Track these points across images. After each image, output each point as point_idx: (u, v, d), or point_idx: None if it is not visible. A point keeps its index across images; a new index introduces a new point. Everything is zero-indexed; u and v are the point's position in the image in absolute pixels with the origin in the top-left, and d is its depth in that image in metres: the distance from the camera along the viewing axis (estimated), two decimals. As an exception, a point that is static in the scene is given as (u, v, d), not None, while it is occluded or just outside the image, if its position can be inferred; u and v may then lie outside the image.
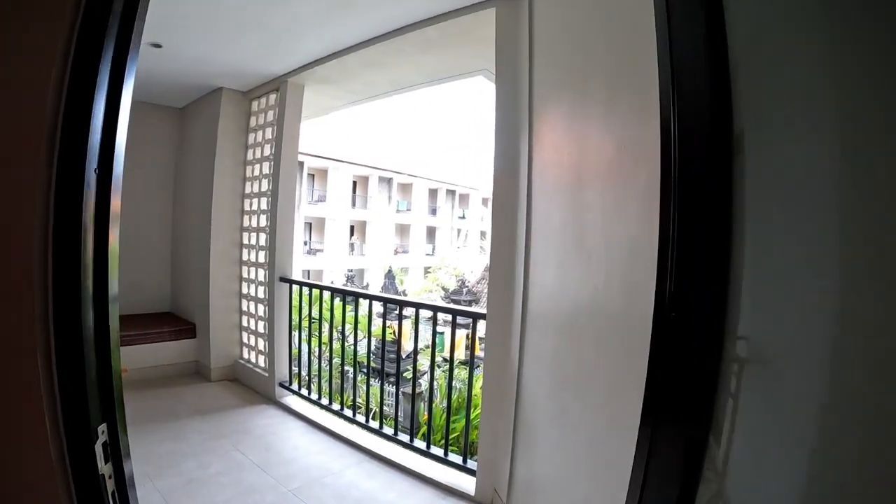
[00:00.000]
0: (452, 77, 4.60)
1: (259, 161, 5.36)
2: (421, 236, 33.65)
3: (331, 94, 5.21)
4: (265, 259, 5.18)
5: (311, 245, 27.70)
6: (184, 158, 6.32)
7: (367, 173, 30.14)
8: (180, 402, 4.98)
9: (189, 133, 6.25)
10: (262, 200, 5.27)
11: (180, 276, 6.32)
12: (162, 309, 6.46)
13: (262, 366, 5.32)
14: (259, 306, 5.34)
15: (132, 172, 5.86)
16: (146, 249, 6.34)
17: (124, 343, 5.41)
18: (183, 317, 6.12)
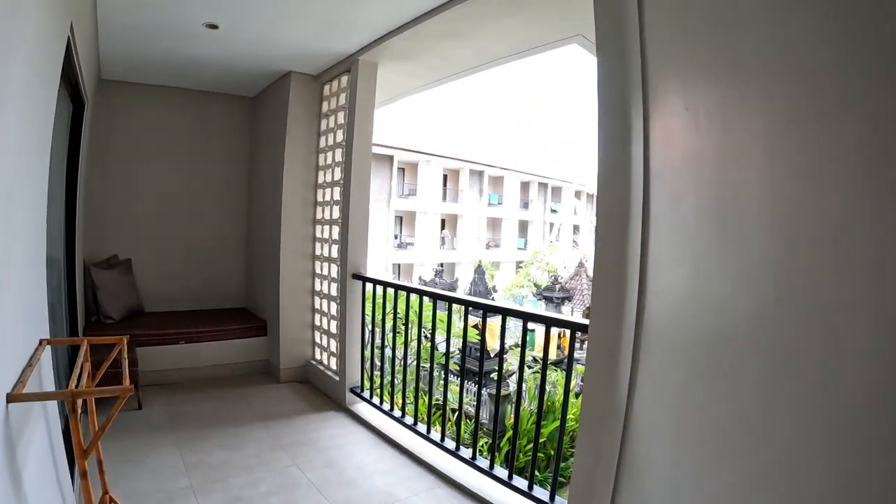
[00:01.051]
0: (543, 46, 3.95)
1: (331, 148, 4.90)
2: (512, 230, 32.83)
3: (408, 73, 4.66)
4: (338, 254, 4.75)
5: (401, 239, 27.52)
6: (257, 149, 5.97)
7: (458, 166, 29.59)
8: (246, 404, 4.61)
9: (261, 122, 5.89)
10: (336, 191, 4.80)
11: (254, 271, 5.98)
12: (237, 304, 6.16)
13: (333, 368, 4.86)
14: (331, 304, 4.88)
15: (209, 166, 5.60)
16: (223, 243, 6.08)
17: (195, 339, 5.13)
18: (256, 313, 5.78)
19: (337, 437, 4.00)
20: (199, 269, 5.97)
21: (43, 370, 2.28)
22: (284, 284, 5.12)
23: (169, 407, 4.50)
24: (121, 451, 3.69)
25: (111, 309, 5.07)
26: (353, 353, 4.54)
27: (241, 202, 6.16)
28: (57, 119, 3.69)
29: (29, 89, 2.05)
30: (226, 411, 4.45)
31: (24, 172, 2.05)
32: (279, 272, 5.10)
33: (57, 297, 4.03)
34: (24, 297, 2.01)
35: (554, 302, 17.05)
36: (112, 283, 5.16)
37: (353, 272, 4.49)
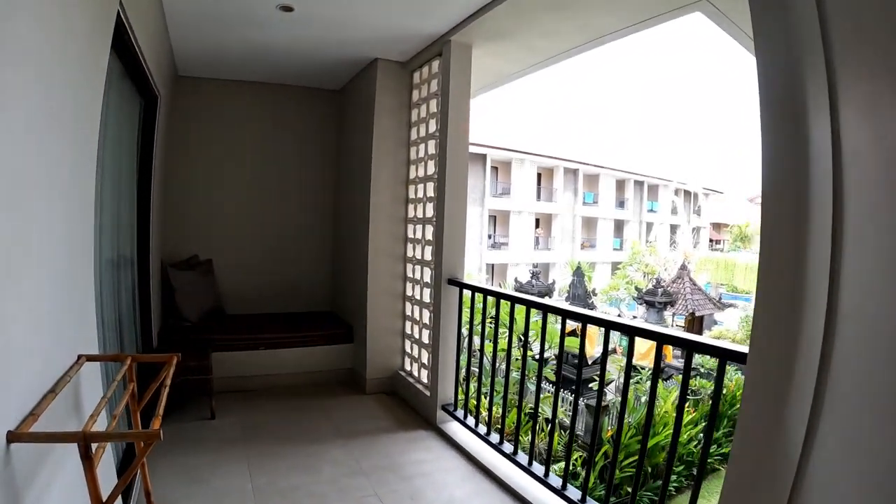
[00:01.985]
0: (661, 16, 3.36)
1: (423, 140, 4.46)
2: (608, 230, 31.51)
3: (505, 55, 4.15)
4: (432, 256, 4.31)
5: (495, 239, 26.99)
6: (344, 144, 5.63)
7: (552, 165, 28.63)
8: (326, 418, 4.25)
9: (348, 116, 5.55)
10: (429, 186, 4.37)
11: (341, 273, 5.64)
12: (322, 308, 5.84)
13: (423, 382, 4.42)
14: (424, 312, 4.44)
15: (294, 163, 5.26)
16: (308, 243, 5.80)
17: (275, 345, 4.84)
18: (342, 318, 5.43)
19: (425, 463, 3.55)
20: (283, 271, 5.72)
21: (82, 390, 2.04)
22: (373, 288, 4.74)
23: (243, 418, 4.22)
24: (187, 468, 3.42)
25: (188, 311, 4.86)
26: (446, 367, 4.08)
27: (328, 200, 5.86)
28: (121, 113, 3.45)
29: (55, 78, 1.78)
30: (304, 425, 4.11)
31: (54, 173, 1.81)
32: (367, 274, 4.71)
33: (127, 300, 3.81)
34: (51, 309, 1.78)
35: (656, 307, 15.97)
36: (190, 284, 4.96)
37: (449, 277, 4.01)
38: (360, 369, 4.91)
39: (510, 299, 3.56)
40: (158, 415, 1.69)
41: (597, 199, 30.78)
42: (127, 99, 3.68)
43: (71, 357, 1.94)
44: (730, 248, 33.33)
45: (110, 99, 3.20)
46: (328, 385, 4.98)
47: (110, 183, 3.37)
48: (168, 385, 2.02)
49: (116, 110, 3.40)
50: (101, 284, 3.13)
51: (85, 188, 2.29)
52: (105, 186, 3.21)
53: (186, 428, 4.03)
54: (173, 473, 3.39)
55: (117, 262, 3.59)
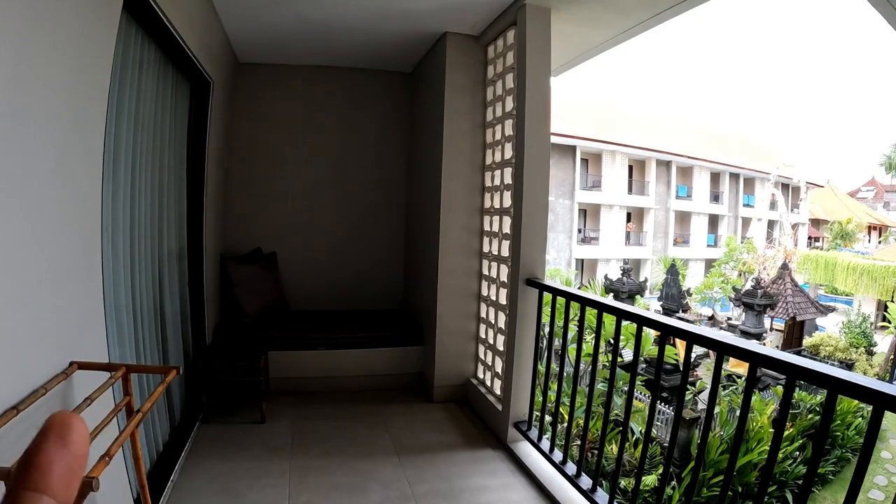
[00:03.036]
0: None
1: (500, 121, 3.91)
2: (702, 226, 29.47)
3: (589, 20, 3.55)
4: (509, 252, 3.76)
5: (585, 233, 25.84)
6: (416, 129, 5.14)
7: (644, 157, 27.00)
8: (384, 429, 3.80)
9: (419, 99, 5.06)
10: (507, 173, 3.81)
11: (411, 269, 5.18)
12: (393, 305, 5.40)
13: (496, 394, 3.88)
14: (499, 314, 3.89)
15: (361, 151, 4.55)
16: (377, 236, 5.37)
17: (337, 345, 4.43)
18: (412, 318, 4.95)
19: (488, 491, 3.03)
20: (350, 265, 5.31)
21: (72, 400, 1.80)
22: (444, 286, 4.23)
23: (295, 423, 3.84)
24: (224, 475, 3.11)
25: (248, 306, 4.51)
26: (521, 379, 3.51)
27: (399, 190, 5.40)
28: (163, 100, 3.24)
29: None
30: (359, 436, 3.69)
31: (40, 165, 1.65)
32: (438, 271, 4.21)
33: (176, 295, 3.63)
34: (40, 312, 1.66)
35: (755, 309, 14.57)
36: (251, 278, 4.63)
37: (528, 276, 3.44)
38: (429, 374, 4.42)
39: (596, 306, 2.91)
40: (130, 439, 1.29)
41: (690, 193, 28.83)
42: (171, 85, 3.39)
43: (61, 363, 1.76)
44: (829, 245, 30.44)
45: (145, 84, 2.91)
46: (393, 391, 4.51)
47: (150, 174, 3.10)
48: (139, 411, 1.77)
49: (155, 96, 3.12)
50: (137, 280, 2.90)
51: (88, 181, 2.05)
52: (143, 178, 2.96)
53: (233, 430, 3.70)
54: (208, 480, 3.06)
55: (161, 255, 3.30)
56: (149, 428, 3.04)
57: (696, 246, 28.91)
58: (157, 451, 3.17)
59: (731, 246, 25.59)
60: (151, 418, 3.12)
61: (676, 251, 27.12)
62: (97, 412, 1.82)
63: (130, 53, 2.67)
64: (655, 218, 27.62)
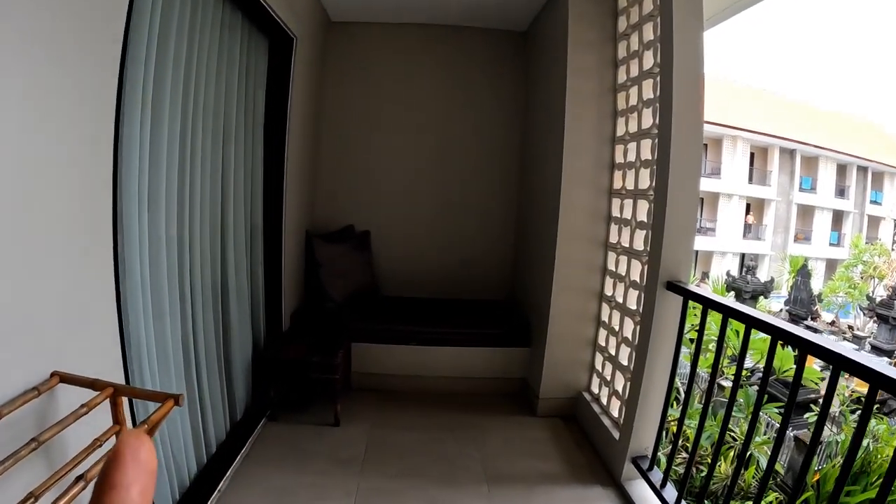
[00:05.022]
0: None
1: (636, 82, 3.02)
2: (825, 221, 26.22)
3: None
4: (644, 246, 2.93)
5: (700, 223, 23.57)
6: (532, 95, 4.30)
7: (767, 143, 24.36)
8: (476, 446, 3.10)
9: (535, 60, 4.22)
10: (644, 146, 2.95)
11: (523, 257, 4.37)
12: (499, 297, 4.60)
13: (613, 416, 3.06)
14: (626, 321, 3.05)
15: (467, 120, 4.28)
16: (485, 217, 4.60)
17: (433, 340, 3.75)
18: (521, 314, 4.15)
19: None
20: (452, 248, 4.59)
21: (48, 418, 1.43)
22: (560, 279, 3.40)
23: (372, 430, 3.21)
24: (280, 491, 2.60)
25: (334, 289, 3.90)
26: (648, 406, 2.66)
27: (512, 165, 4.58)
28: (228, 55, 2.78)
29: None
30: (444, 453, 3.01)
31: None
32: (554, 262, 3.38)
33: (243, 276, 3.16)
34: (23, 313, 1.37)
35: (890, 323, 12.60)
36: (339, 259, 4.01)
37: (669, 279, 2.56)
38: (534, 383, 3.64)
39: (778, 334, 1.92)
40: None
41: (815, 186, 25.73)
42: (240, 39, 2.91)
43: (43, 372, 1.43)
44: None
45: (202, 35, 2.47)
46: (491, 398, 3.78)
47: (211, 137, 2.66)
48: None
49: (218, 50, 2.65)
50: (189, 255, 2.51)
51: (96, 152, 1.64)
52: (199, 140, 2.53)
53: (301, 433, 3.14)
54: (260, 493, 2.52)
55: (225, 229, 2.89)
56: (196, 425, 2.57)
57: (818, 244, 25.85)
58: (207, 452, 2.67)
59: (860, 247, 22.60)
60: (202, 413, 2.64)
61: (797, 248, 24.40)
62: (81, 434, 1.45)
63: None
64: (776, 211, 25.00)
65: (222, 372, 2.94)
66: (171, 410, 1.50)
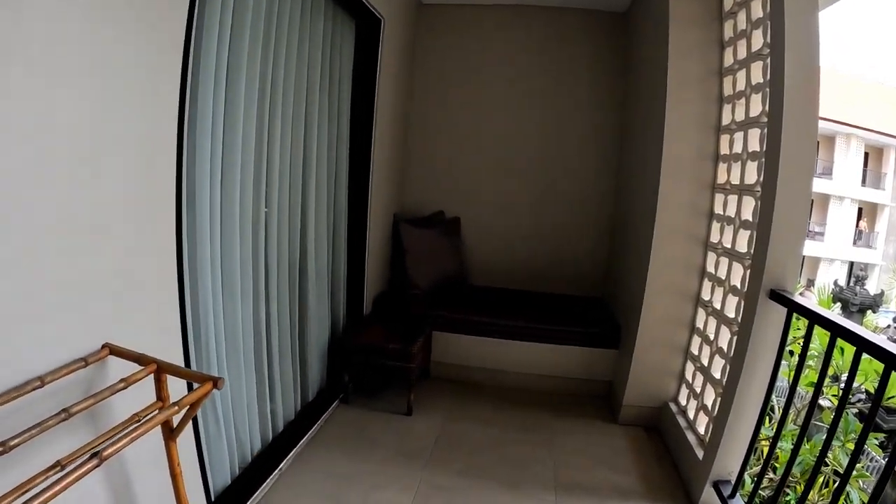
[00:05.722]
0: None
1: (743, 65, 2.67)
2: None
3: None
4: (747, 248, 2.58)
5: (809, 226, 21.12)
6: (631, 80, 3.99)
7: (883, 143, 21.56)
8: (548, 450, 2.91)
9: (635, 43, 3.91)
10: (752, 136, 2.60)
11: (617, 253, 4.07)
12: (590, 294, 4.32)
13: (698, 432, 2.75)
14: (722, 329, 2.72)
15: (563, 106, 4.08)
16: (580, 209, 4.33)
17: (516, 334, 3.57)
18: (612, 314, 3.88)
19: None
20: (544, 240, 4.37)
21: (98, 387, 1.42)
22: (654, 279, 3.10)
23: (445, 422, 3.09)
24: (341, 478, 2.55)
25: (419, 276, 3.79)
26: (738, 425, 2.34)
27: (609, 154, 4.27)
28: (311, 35, 2.75)
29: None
30: (515, 454, 2.84)
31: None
32: (649, 259, 3.09)
33: (324, 258, 3.16)
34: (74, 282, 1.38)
35: None
36: (426, 245, 3.90)
37: (773, 286, 2.21)
38: (619, 387, 3.37)
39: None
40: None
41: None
42: (324, 19, 2.86)
43: (94, 343, 1.43)
44: None
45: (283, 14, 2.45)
46: (573, 399, 3.56)
47: (292, 117, 2.65)
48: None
49: (300, 29, 2.62)
50: (264, 233, 2.50)
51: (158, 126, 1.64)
52: (279, 119, 2.51)
53: (372, 419, 3.08)
54: (321, 477, 2.47)
55: (306, 209, 2.88)
56: (264, 404, 2.59)
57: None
58: (274, 430, 2.69)
59: None
60: (270, 392, 2.66)
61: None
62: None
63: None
64: (890, 217, 22.04)
65: (296, 352, 2.95)
66: (210, 393, 1.45)
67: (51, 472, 1.14)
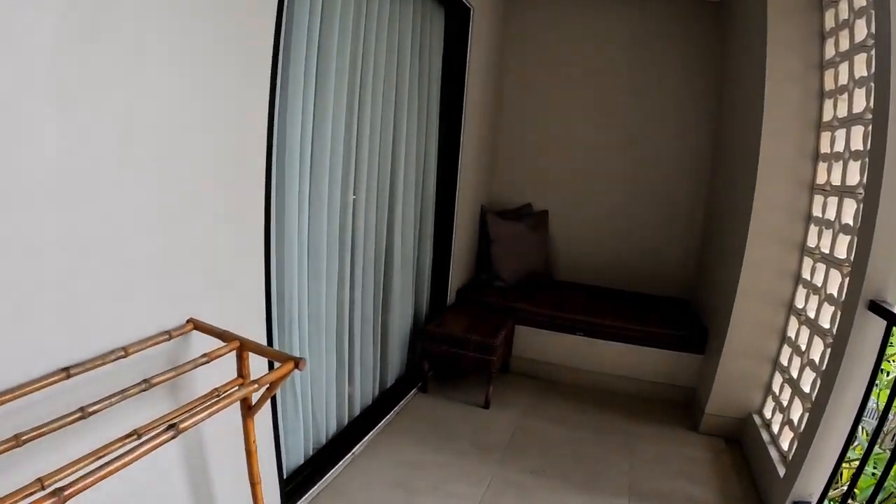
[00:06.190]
0: None
1: (846, 57, 2.45)
2: None
3: None
4: (847, 254, 2.37)
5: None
6: (727, 71, 3.74)
7: None
8: (625, 455, 2.82)
9: (731, 29, 3.65)
10: (855, 133, 2.37)
11: (707, 254, 3.86)
12: (677, 295, 4.13)
13: (781, 448, 2.56)
14: (816, 341, 2.52)
15: (657, 99, 3.93)
16: (670, 207, 4.15)
17: (600, 333, 3.50)
18: (699, 317, 3.70)
19: None
20: (632, 237, 4.22)
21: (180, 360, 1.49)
22: (746, 283, 2.93)
23: (521, 418, 3.08)
24: (412, 466, 2.59)
25: (504, 269, 3.82)
26: (825, 443, 2.17)
27: (701, 152, 4.04)
28: (400, 25, 2.77)
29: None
30: (590, 456, 2.79)
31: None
32: (741, 263, 2.92)
33: (410, 242, 3.19)
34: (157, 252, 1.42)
35: None
36: (513, 237, 3.89)
37: (873, 297, 2.03)
38: (702, 395, 3.22)
39: None
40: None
41: None
42: (413, 8, 2.87)
43: (178, 318, 1.50)
44: None
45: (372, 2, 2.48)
46: (653, 404, 3.43)
47: (381, 105, 2.68)
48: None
49: (390, 18, 2.65)
50: (351, 218, 2.57)
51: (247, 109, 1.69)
52: (368, 108, 2.56)
53: (449, 410, 3.12)
54: (392, 464, 2.53)
55: (394, 197, 2.94)
56: (342, 388, 2.65)
57: None
58: (350, 415, 2.75)
59: None
60: (350, 376, 2.72)
61: None
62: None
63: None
64: None
65: (377, 338, 3.01)
66: (291, 372, 1.44)
67: (127, 439, 1.15)
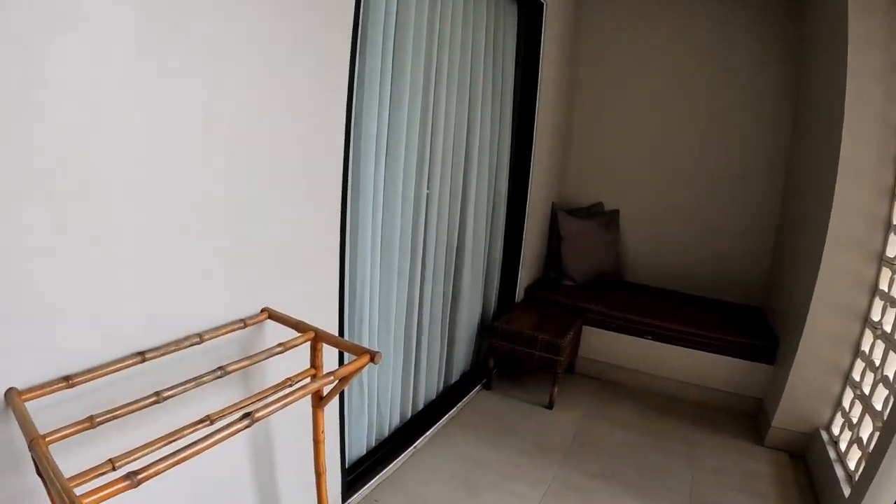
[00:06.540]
0: None
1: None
2: None
3: None
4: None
5: None
6: (805, 67, 3.51)
7: None
8: (687, 464, 2.77)
9: (810, 23, 3.43)
10: None
11: (782, 259, 3.65)
12: (749, 301, 3.95)
13: (848, 468, 2.42)
14: (891, 357, 2.37)
15: (732, 98, 3.85)
16: (746, 210, 3.95)
17: (668, 338, 3.44)
18: (771, 326, 3.53)
19: None
20: (705, 240, 4.06)
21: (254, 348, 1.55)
22: (822, 292, 2.78)
23: (584, 420, 3.08)
24: (473, 462, 2.62)
25: (574, 268, 3.81)
26: (893, 466, 2.07)
27: (777, 154, 3.81)
28: (474, 17, 2.76)
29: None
30: (652, 463, 2.76)
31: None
32: (818, 270, 2.78)
33: (481, 239, 3.23)
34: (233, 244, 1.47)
35: None
36: (583, 236, 3.87)
37: None
38: (769, 408, 3.09)
39: None
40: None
41: None
42: (485, 3, 2.84)
43: (253, 307, 1.55)
44: None
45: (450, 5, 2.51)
46: (718, 414, 3.32)
47: (456, 102, 2.71)
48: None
49: (464, 14, 2.66)
50: (425, 214, 2.61)
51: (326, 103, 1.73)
52: (438, 111, 2.57)
53: (512, 408, 3.15)
54: (453, 459, 2.59)
55: (466, 193, 2.97)
56: (407, 382, 2.71)
57: None
58: (414, 408, 2.81)
59: None
60: (415, 370, 2.78)
61: None
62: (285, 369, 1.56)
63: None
64: None
65: (445, 333, 3.04)
66: (366, 365, 1.43)
67: (200, 425, 1.15)
